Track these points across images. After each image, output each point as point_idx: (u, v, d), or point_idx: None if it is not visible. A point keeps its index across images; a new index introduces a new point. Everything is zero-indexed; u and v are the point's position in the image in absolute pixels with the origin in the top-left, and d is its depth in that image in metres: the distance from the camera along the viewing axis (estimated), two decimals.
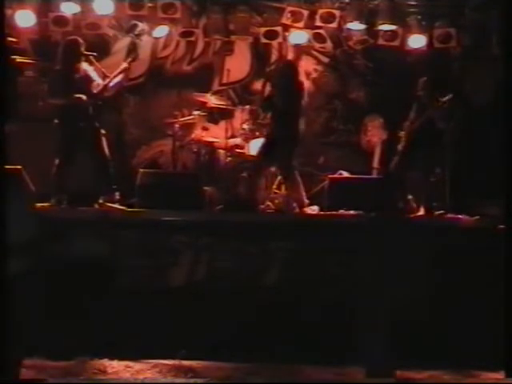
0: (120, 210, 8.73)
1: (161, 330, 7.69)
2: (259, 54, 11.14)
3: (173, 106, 10.67)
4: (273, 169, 9.46)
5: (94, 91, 8.99)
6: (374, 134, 10.58)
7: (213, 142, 10.10)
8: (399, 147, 9.54)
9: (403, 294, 7.98)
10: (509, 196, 7.26)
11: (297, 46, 9.94)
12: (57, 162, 8.90)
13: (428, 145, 9.23)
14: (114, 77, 9.09)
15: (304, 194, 9.22)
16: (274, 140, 9.18)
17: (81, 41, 9.06)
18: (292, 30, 10.47)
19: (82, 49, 9.00)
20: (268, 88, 9.30)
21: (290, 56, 10.95)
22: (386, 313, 7.47)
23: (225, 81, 10.93)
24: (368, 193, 8.99)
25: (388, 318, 7.45)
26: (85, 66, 9.04)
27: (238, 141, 10.10)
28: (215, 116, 10.46)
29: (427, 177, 9.29)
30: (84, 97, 8.85)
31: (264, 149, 9.29)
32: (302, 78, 10.15)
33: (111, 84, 9.06)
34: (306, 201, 9.21)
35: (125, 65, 9.28)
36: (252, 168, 9.50)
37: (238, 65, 11.12)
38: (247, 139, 9.99)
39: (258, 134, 10.03)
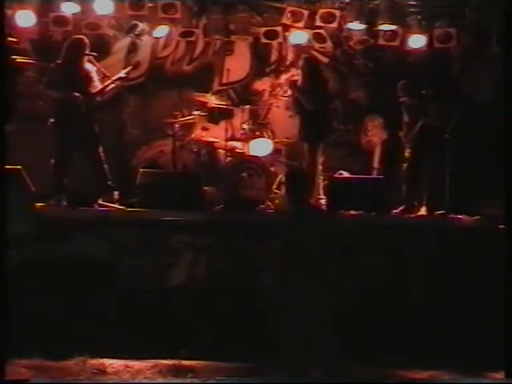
0: (120, 210, 8.73)
1: (161, 330, 7.70)
2: (259, 54, 11.13)
3: (173, 106, 10.64)
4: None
5: (93, 91, 9.00)
6: (374, 133, 10.57)
7: (213, 141, 10.09)
8: (399, 147, 9.54)
9: (404, 294, 8.01)
10: (509, 196, 7.27)
11: (297, 46, 9.92)
12: (56, 161, 8.90)
13: (428, 145, 9.22)
14: (111, 83, 9.12)
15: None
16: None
17: (86, 41, 9.08)
18: (292, 29, 10.47)
19: (87, 49, 9.02)
20: (294, 87, 9.33)
21: (290, 56, 10.95)
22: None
23: (225, 81, 10.91)
24: (368, 193, 8.99)
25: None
26: (87, 65, 9.05)
27: (238, 144, 10.10)
28: (215, 116, 10.43)
29: (428, 177, 9.29)
30: (81, 95, 8.85)
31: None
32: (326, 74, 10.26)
33: (107, 89, 9.12)
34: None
35: (122, 74, 9.32)
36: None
37: (238, 65, 11.10)
38: (247, 139, 9.99)
39: (258, 133, 10.04)
